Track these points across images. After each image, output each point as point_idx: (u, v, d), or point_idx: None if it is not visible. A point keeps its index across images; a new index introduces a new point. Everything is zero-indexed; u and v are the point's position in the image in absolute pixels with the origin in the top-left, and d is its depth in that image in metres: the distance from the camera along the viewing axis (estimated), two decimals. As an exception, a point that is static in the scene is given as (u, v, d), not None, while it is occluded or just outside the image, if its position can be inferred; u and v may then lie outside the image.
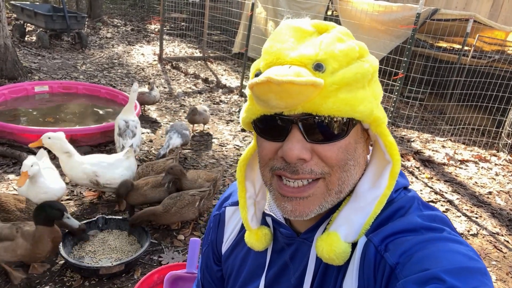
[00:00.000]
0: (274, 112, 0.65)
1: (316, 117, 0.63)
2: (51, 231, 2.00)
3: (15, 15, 7.62)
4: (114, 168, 2.77)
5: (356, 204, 0.69)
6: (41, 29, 6.91)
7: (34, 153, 2.78)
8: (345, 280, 0.68)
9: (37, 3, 7.85)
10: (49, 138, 2.62)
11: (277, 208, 0.74)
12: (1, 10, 4.74)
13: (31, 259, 2.05)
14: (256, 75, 0.66)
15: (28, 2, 7.52)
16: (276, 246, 0.82)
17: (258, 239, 0.80)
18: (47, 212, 1.98)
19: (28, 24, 7.19)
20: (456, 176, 4.32)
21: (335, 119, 0.63)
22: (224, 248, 0.94)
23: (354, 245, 0.69)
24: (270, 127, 0.68)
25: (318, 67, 0.62)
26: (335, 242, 0.67)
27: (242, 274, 0.88)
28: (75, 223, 2.14)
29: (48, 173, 2.53)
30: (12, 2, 7.50)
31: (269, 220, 0.83)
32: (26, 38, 7.04)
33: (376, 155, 0.74)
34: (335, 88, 0.62)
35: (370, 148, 0.77)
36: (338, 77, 0.62)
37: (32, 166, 2.32)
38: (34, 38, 7.10)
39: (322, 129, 0.64)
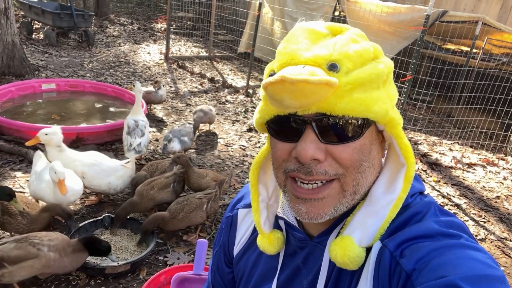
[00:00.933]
0: (288, 112, 0.65)
1: (331, 118, 0.62)
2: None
3: (22, 13, 7.65)
4: (105, 175, 2.69)
5: (370, 207, 0.69)
6: (48, 26, 6.93)
7: (42, 150, 2.77)
8: (359, 286, 0.67)
9: (45, 1, 7.87)
10: (46, 134, 2.63)
11: (291, 211, 0.74)
12: (9, 8, 4.76)
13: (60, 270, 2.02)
14: (271, 76, 0.65)
15: (35, 0, 7.54)
16: (289, 249, 0.82)
17: (270, 242, 0.80)
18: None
19: (36, 22, 7.22)
20: (463, 179, 4.28)
21: (349, 120, 0.63)
22: (236, 250, 0.93)
23: (368, 250, 0.68)
24: (284, 127, 0.67)
25: (332, 67, 0.61)
26: (349, 246, 0.66)
27: (253, 277, 0.88)
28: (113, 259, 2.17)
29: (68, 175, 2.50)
30: (20, -1, 7.53)
31: (281, 223, 0.82)
32: (33, 36, 7.06)
33: (391, 157, 0.73)
34: (349, 88, 0.61)
35: (385, 151, 0.76)
36: (353, 77, 0.61)
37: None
38: (41, 35, 7.12)
39: (336, 130, 0.63)
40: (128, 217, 2.54)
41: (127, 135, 3.18)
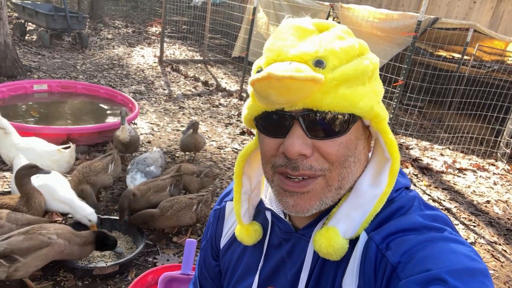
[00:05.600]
0: (275, 108, 0.65)
1: (318, 113, 0.63)
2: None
3: (16, 14, 7.62)
4: (39, 158, 2.68)
5: (356, 200, 0.70)
6: (42, 28, 6.90)
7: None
8: (345, 278, 0.67)
9: (39, 3, 7.85)
10: None
11: (278, 204, 0.74)
12: (2, 8, 4.74)
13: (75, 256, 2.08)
14: (258, 72, 0.66)
15: (29, 1, 7.51)
16: (274, 241, 0.82)
17: (248, 234, 0.82)
18: None
19: (29, 23, 7.19)
20: (454, 184, 4.31)
21: (335, 115, 0.64)
22: (223, 242, 0.94)
23: (353, 242, 0.69)
24: (271, 123, 0.68)
25: (318, 63, 0.62)
26: (334, 237, 0.67)
27: (239, 269, 0.88)
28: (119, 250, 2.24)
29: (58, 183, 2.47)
30: (13, 1, 7.50)
31: (268, 214, 0.83)
32: (26, 37, 7.03)
33: (377, 152, 0.74)
34: (335, 84, 0.62)
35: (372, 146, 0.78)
36: (338, 73, 0.62)
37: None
38: (34, 37, 7.09)
39: (323, 125, 0.64)
40: (116, 218, 2.52)
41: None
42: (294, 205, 0.69)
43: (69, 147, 2.87)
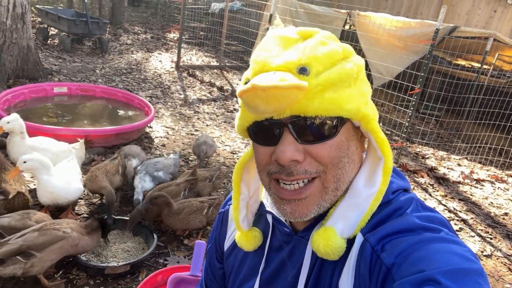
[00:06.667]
0: (264, 118, 0.67)
1: (307, 119, 0.64)
2: None
3: (39, 19, 7.85)
4: (56, 157, 2.76)
5: (352, 200, 0.70)
6: (63, 33, 7.09)
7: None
8: (341, 278, 0.68)
9: (61, 8, 8.07)
10: (8, 122, 2.68)
11: (277, 211, 0.76)
12: (26, 13, 4.90)
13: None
14: (245, 84, 0.68)
15: (52, 7, 7.74)
16: (275, 243, 0.83)
17: (248, 240, 0.83)
18: None
19: (52, 28, 7.40)
20: (471, 195, 4.22)
21: (324, 119, 0.65)
22: (227, 245, 0.95)
23: (350, 243, 0.69)
24: (262, 132, 0.70)
25: (302, 71, 0.64)
26: (332, 237, 0.67)
27: (241, 271, 0.89)
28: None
29: (63, 173, 2.54)
30: (37, 6, 7.74)
31: (269, 217, 0.84)
32: (48, 41, 7.23)
33: (370, 152, 0.75)
34: (320, 89, 0.63)
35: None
36: (323, 78, 0.64)
37: (25, 162, 2.32)
38: (56, 41, 7.29)
39: (312, 130, 0.65)
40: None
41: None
42: (292, 212, 0.70)
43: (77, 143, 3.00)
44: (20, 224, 2.06)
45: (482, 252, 3.17)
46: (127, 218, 2.56)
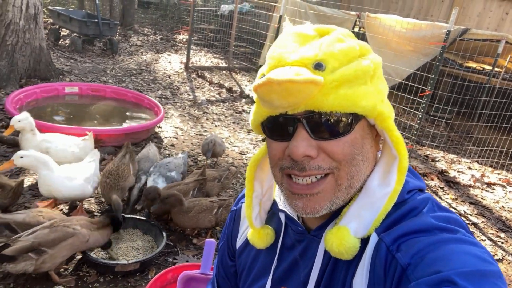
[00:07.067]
0: (279, 112, 0.67)
1: (321, 115, 0.64)
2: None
3: (51, 20, 7.95)
4: (68, 147, 2.93)
5: (366, 199, 0.69)
6: (75, 34, 7.17)
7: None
8: (355, 278, 0.67)
9: (73, 9, 8.17)
10: (19, 121, 2.74)
11: (289, 207, 0.75)
12: (39, 14, 4.96)
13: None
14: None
15: (64, 8, 7.83)
16: (287, 242, 0.83)
17: (260, 237, 0.83)
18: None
19: (63, 29, 7.49)
20: (482, 199, 4.17)
21: (338, 115, 0.64)
22: (239, 243, 0.95)
23: (364, 242, 0.68)
24: (277, 127, 0.70)
25: (318, 66, 0.64)
26: (345, 236, 0.67)
27: (254, 269, 0.89)
28: None
29: (69, 170, 2.56)
30: (49, 7, 7.84)
31: (282, 216, 0.83)
32: (60, 42, 7.32)
33: (385, 151, 0.74)
34: (335, 85, 0.63)
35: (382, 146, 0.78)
36: (338, 74, 0.63)
37: (21, 157, 2.38)
38: (68, 42, 7.37)
39: (326, 126, 0.65)
40: (139, 218, 2.57)
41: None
42: (303, 207, 0.70)
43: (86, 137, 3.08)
44: (34, 220, 2.08)
45: (493, 256, 3.12)
46: (138, 217, 2.58)
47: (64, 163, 2.81)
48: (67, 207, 2.72)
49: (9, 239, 1.91)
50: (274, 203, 0.86)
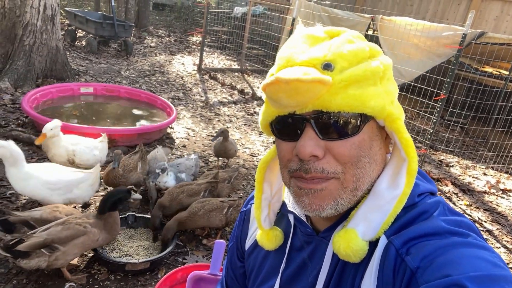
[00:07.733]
0: (287, 112, 0.67)
1: (330, 115, 0.64)
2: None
3: (68, 21, 8.10)
4: (90, 150, 3.00)
5: (374, 202, 0.69)
6: (91, 35, 7.29)
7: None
8: (364, 281, 0.66)
9: (89, 11, 8.30)
10: (52, 129, 2.79)
11: (297, 205, 0.75)
12: (56, 15, 5.06)
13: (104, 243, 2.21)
14: None
15: (80, 10, 7.97)
16: (296, 244, 0.83)
17: (269, 239, 0.83)
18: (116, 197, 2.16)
19: (79, 30, 7.61)
20: (497, 205, 4.09)
21: (347, 116, 0.64)
22: (248, 244, 0.95)
23: (373, 245, 0.67)
24: (285, 127, 0.70)
25: (326, 67, 0.64)
26: (353, 239, 0.66)
27: (262, 271, 0.89)
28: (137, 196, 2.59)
29: (39, 172, 2.44)
30: (66, 9, 7.98)
31: (291, 217, 0.83)
32: (76, 43, 7.44)
33: (395, 153, 0.73)
34: (343, 85, 0.63)
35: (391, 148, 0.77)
36: (347, 74, 0.63)
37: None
38: (83, 43, 7.49)
39: (334, 126, 0.65)
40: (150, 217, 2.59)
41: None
42: (309, 203, 0.69)
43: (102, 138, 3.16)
44: (51, 216, 2.12)
45: (508, 264, 3.05)
46: (148, 216, 2.60)
47: (86, 166, 2.85)
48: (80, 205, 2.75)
49: (23, 235, 1.95)
50: (284, 205, 0.86)
